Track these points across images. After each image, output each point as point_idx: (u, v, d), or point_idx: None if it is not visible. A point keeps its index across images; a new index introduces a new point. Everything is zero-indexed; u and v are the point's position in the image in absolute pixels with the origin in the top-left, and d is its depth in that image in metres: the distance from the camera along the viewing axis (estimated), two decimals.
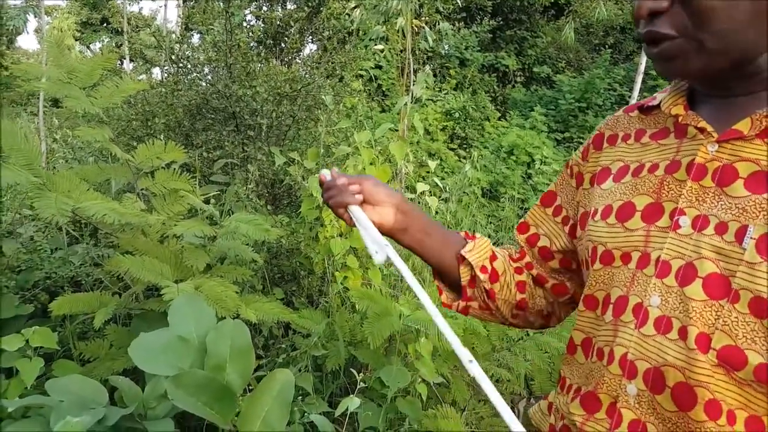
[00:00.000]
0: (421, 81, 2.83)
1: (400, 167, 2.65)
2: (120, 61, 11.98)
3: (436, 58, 8.99)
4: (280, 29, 5.66)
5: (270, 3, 6.40)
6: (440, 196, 4.09)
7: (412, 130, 2.99)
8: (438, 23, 6.71)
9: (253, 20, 6.20)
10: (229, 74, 3.44)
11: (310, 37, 5.98)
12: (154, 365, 1.02)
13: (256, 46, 5.19)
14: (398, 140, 2.48)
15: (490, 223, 5.37)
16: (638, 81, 7.15)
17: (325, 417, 1.59)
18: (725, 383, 0.58)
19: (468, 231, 0.90)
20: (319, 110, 3.56)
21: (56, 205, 1.44)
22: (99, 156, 3.64)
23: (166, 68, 4.14)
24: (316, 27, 5.68)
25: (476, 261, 0.84)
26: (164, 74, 4.49)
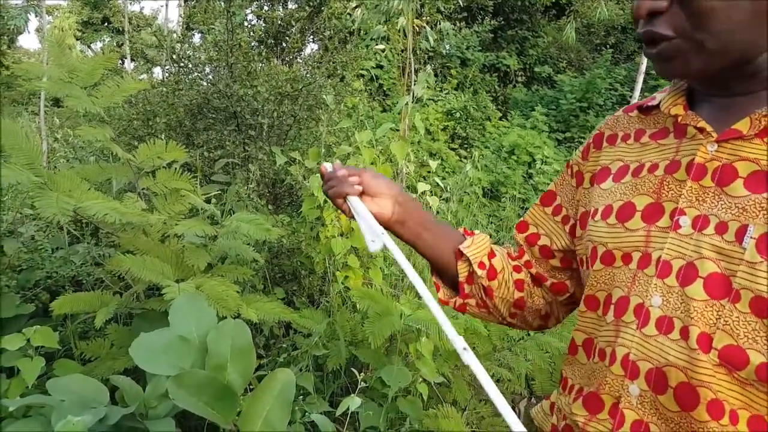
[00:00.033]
0: (422, 81, 2.83)
1: (401, 167, 2.65)
2: (121, 61, 11.99)
3: (438, 58, 8.99)
4: (282, 29, 5.67)
5: (271, 2, 6.40)
6: (441, 196, 4.09)
7: (413, 130, 3.00)
8: (439, 23, 6.70)
9: (255, 20, 6.20)
10: (231, 74, 3.44)
11: (312, 37, 5.98)
12: (155, 365, 1.02)
13: (258, 46, 5.19)
14: (399, 140, 2.49)
15: (491, 223, 5.37)
16: (639, 81, 7.14)
17: (326, 416, 1.59)
18: (727, 383, 0.58)
19: (467, 228, 0.90)
20: (321, 110, 3.56)
21: (57, 205, 1.44)
22: (100, 155, 3.64)
23: (167, 68, 4.15)
24: (318, 26, 5.68)
25: (474, 256, 0.84)
26: (165, 74, 4.50)
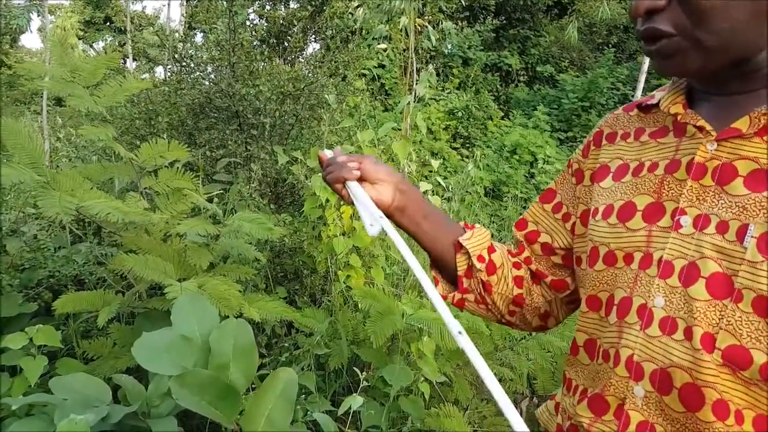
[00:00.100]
0: (424, 80, 2.83)
1: (403, 166, 2.65)
2: (123, 60, 11.98)
3: (439, 58, 8.99)
4: (284, 28, 5.68)
5: (273, 2, 6.40)
6: (443, 195, 4.09)
7: (415, 129, 2.99)
8: (441, 22, 6.68)
9: (257, 19, 6.19)
10: (233, 73, 3.44)
11: (313, 36, 5.98)
12: (158, 364, 1.02)
13: (260, 45, 5.19)
14: (401, 139, 2.49)
15: (493, 223, 5.37)
16: (641, 80, 7.14)
17: (328, 416, 1.59)
18: (732, 383, 0.58)
19: (468, 222, 0.89)
20: (322, 109, 3.57)
21: (60, 204, 1.45)
22: (102, 155, 3.64)
23: (170, 67, 4.15)
24: (319, 26, 5.68)
25: (474, 249, 0.83)
26: (167, 73, 4.49)
